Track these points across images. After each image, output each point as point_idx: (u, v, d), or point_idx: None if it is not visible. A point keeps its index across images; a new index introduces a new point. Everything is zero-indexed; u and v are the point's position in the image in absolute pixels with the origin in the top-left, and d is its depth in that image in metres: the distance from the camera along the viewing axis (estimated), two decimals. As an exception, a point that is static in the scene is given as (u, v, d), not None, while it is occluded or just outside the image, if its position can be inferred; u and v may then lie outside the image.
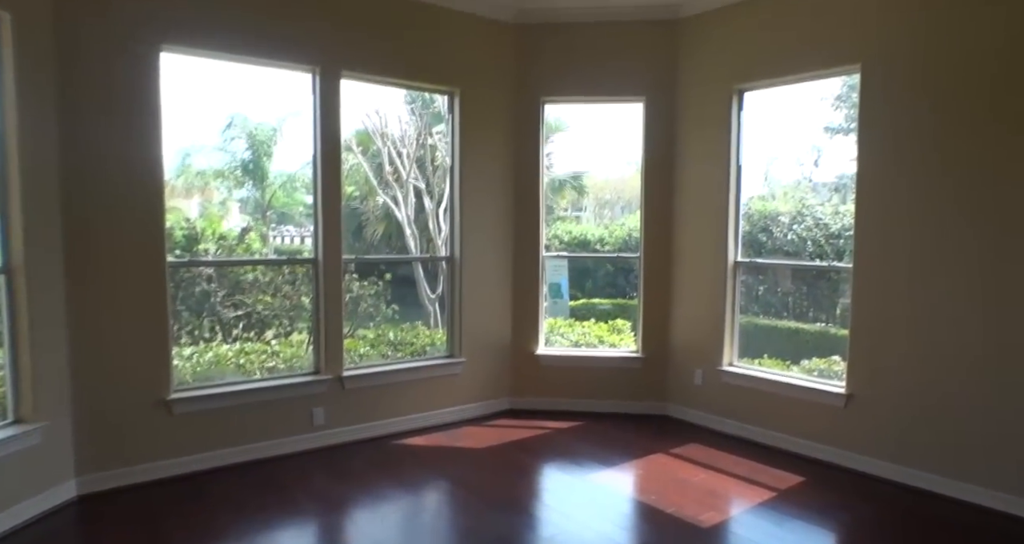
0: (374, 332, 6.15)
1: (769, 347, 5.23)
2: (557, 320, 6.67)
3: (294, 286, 5.60)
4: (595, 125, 7.42)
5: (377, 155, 7.78)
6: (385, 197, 7.81)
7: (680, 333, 5.36)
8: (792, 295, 5.53)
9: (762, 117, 4.99)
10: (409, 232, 7.54)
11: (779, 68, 4.62)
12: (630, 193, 9.90)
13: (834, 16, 4.29)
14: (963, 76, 3.73)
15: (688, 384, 5.29)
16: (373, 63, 4.74)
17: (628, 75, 5.32)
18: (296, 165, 7.63)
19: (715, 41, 5.00)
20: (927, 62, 3.87)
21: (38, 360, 3.51)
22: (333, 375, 4.64)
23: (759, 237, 5.49)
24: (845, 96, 5.47)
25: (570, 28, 5.28)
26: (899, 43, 3.99)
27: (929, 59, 3.86)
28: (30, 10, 3.43)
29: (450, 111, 5.28)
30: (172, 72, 4.01)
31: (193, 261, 5.14)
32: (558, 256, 6.85)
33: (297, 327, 5.68)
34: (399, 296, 6.91)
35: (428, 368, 5.15)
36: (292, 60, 4.42)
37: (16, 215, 3.42)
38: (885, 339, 4.10)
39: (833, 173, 5.62)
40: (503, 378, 5.53)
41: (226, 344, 5.26)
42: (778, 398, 4.69)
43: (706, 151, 5.10)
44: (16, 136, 3.39)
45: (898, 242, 4.03)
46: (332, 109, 4.59)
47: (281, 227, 7.47)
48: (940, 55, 3.81)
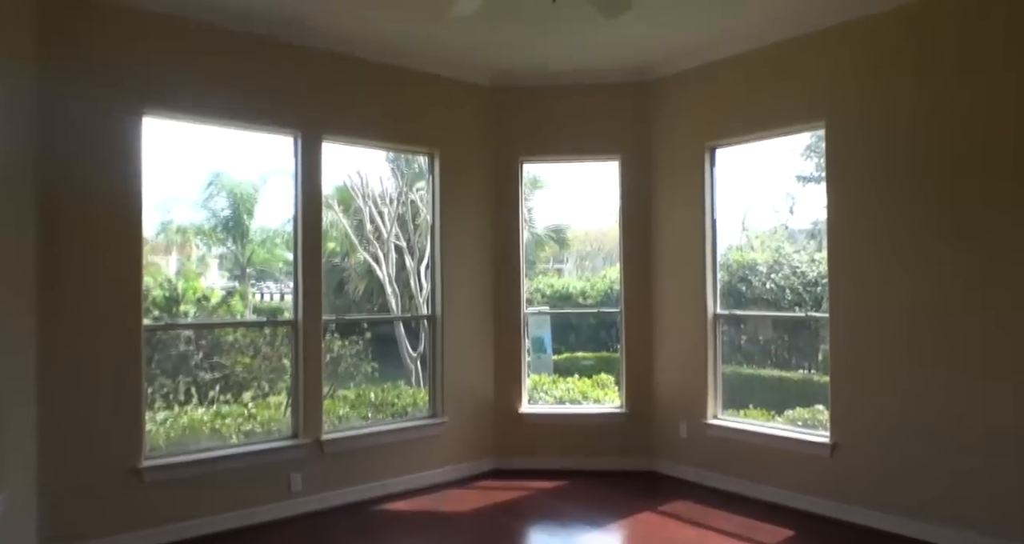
0: (355, 392, 6.05)
1: (753, 397, 5.21)
2: (541, 377, 6.63)
3: (273, 347, 5.52)
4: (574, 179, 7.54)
5: (358, 212, 7.82)
6: (366, 255, 7.82)
7: (664, 387, 5.34)
8: (774, 343, 5.54)
9: (736, 167, 5.12)
10: (390, 290, 7.52)
11: (748, 126, 4.78)
12: (611, 244, 9.97)
13: (797, 78, 4.46)
14: (920, 132, 3.87)
15: (673, 438, 5.23)
16: (353, 127, 4.82)
17: (603, 134, 5.45)
18: (277, 222, 7.61)
19: (685, 102, 5.16)
20: (886, 119, 4.02)
21: (3, 425, 3.39)
22: (312, 439, 4.55)
23: (739, 287, 5.53)
24: (815, 146, 5.63)
25: (545, 90, 5.43)
26: (859, 102, 4.15)
27: (888, 116, 4.01)
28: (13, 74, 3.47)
29: (430, 171, 5.36)
30: (153, 129, 4.06)
31: (171, 324, 5.07)
32: (540, 313, 6.85)
33: (276, 388, 5.58)
34: (380, 354, 6.83)
35: (410, 429, 5.06)
36: (274, 125, 4.50)
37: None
38: (865, 387, 4.12)
39: (808, 220, 5.73)
40: (487, 438, 5.44)
41: (202, 407, 5.14)
42: (764, 450, 4.65)
43: (681, 206, 5.19)
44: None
45: (871, 291, 4.10)
46: (313, 171, 4.64)
47: (260, 283, 7.40)
48: (899, 112, 3.97)
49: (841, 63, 4.24)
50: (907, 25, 3.92)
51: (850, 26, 4.17)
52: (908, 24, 3.92)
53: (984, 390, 3.64)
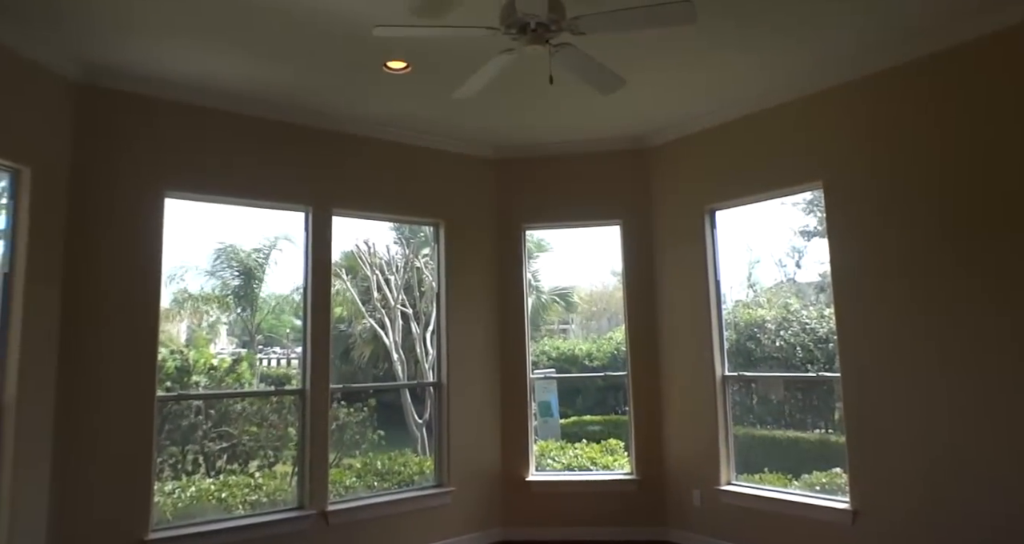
0: (361, 461, 5.99)
1: (769, 460, 5.10)
2: (548, 443, 6.55)
3: (280, 415, 5.51)
4: (578, 242, 7.63)
5: (365, 279, 7.91)
6: (372, 322, 7.86)
7: (674, 452, 5.28)
8: (787, 403, 5.46)
9: (740, 223, 5.20)
10: (396, 357, 7.54)
11: (745, 188, 4.89)
12: (616, 305, 9.97)
13: (792, 139, 4.60)
14: (918, 188, 3.96)
15: (687, 506, 5.13)
16: (362, 200, 4.99)
17: (603, 201, 5.58)
18: (286, 288, 7.68)
19: (683, 167, 5.31)
20: (883, 176, 4.12)
21: (18, 497, 3.41)
22: (317, 510, 4.50)
23: (747, 345, 5.51)
24: (816, 200, 5.70)
25: (546, 160, 5.60)
26: (856, 161, 4.26)
27: (884, 174, 4.11)
28: (47, 163, 3.66)
29: (436, 240, 5.48)
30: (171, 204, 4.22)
31: (183, 395, 5.09)
32: (546, 377, 6.83)
33: (282, 457, 5.53)
34: (385, 420, 6.78)
35: (416, 499, 5.00)
36: (287, 202, 4.69)
37: (14, 353, 3.45)
38: (884, 449, 4.04)
39: (816, 272, 5.74)
40: (494, 507, 5.35)
41: (209, 478, 5.10)
42: (782, 517, 4.54)
43: (684, 269, 5.26)
44: (23, 278, 3.50)
45: (882, 348, 4.08)
46: (323, 244, 4.79)
47: (268, 349, 7.43)
48: (895, 170, 4.06)
49: (836, 124, 4.37)
50: (901, 85, 4.06)
51: (844, 88, 4.31)
52: (901, 85, 4.05)
53: (1013, 448, 3.53)
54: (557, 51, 2.98)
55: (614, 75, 3.24)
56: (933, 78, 3.92)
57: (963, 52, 3.78)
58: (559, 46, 2.96)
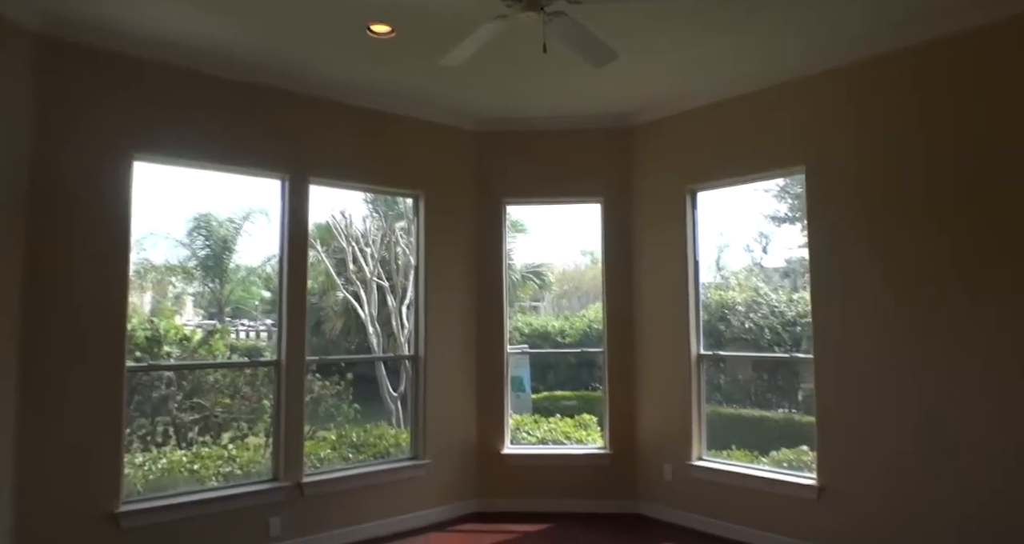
0: (336, 433, 5.97)
1: (735, 437, 5.22)
2: (523, 417, 6.59)
3: (254, 387, 5.45)
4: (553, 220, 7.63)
5: (339, 251, 7.82)
6: (347, 294, 7.79)
7: (647, 428, 5.35)
8: (753, 383, 5.58)
9: (710, 207, 5.23)
10: (372, 330, 7.49)
11: (728, 170, 4.91)
12: (588, 284, 10.06)
13: (777, 123, 4.62)
14: (899, 174, 4.01)
15: (658, 480, 5.22)
16: (340, 170, 4.88)
17: (586, 178, 5.56)
18: (256, 260, 7.57)
19: (667, 146, 5.30)
20: (864, 163, 4.16)
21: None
22: (292, 482, 4.46)
23: (718, 326, 5.59)
24: (789, 187, 5.78)
25: (528, 135, 5.55)
26: (838, 147, 4.30)
27: (865, 160, 4.16)
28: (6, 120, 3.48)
29: (415, 213, 5.41)
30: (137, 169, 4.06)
31: (154, 366, 5.00)
32: (523, 352, 6.86)
33: (255, 429, 5.49)
34: (360, 394, 6.76)
35: (392, 471, 4.99)
36: (262, 169, 4.55)
37: (-31, 322, 3.33)
38: (852, 429, 4.15)
39: (782, 258, 5.84)
40: (469, 479, 5.38)
41: (180, 449, 5.03)
42: (749, 492, 4.65)
43: (663, 248, 5.28)
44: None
45: (856, 332, 4.16)
46: (300, 213, 4.67)
47: (236, 321, 7.33)
48: (875, 156, 4.11)
49: (820, 109, 4.39)
50: (885, 72, 4.09)
51: (829, 74, 4.33)
52: (886, 71, 4.08)
53: (975, 431, 3.66)
54: (551, 19, 2.92)
55: (607, 48, 3.20)
56: (918, 67, 3.95)
57: (950, 42, 3.81)
58: (553, 14, 2.90)
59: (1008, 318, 3.57)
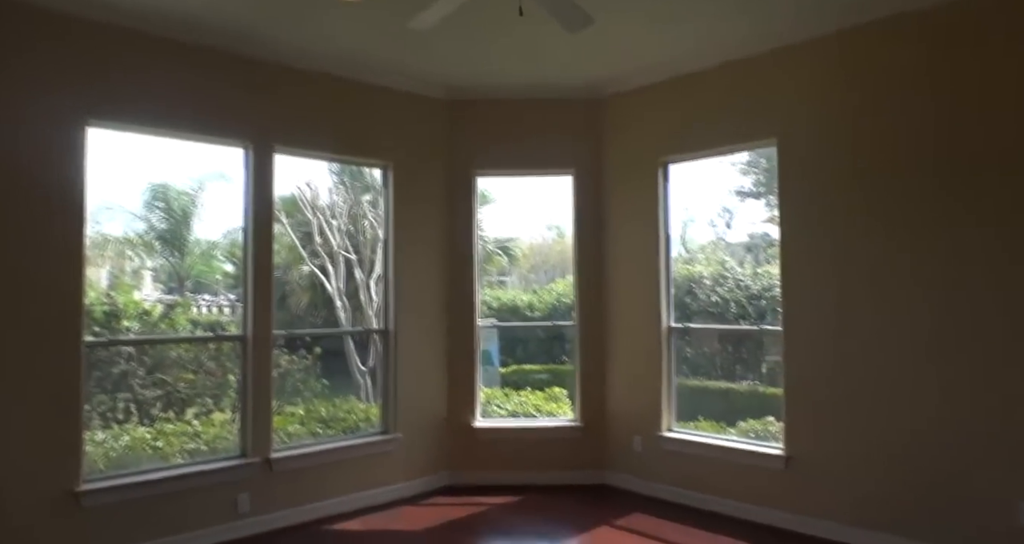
0: (304, 408, 5.89)
1: (702, 409, 5.28)
2: (494, 390, 6.59)
3: (218, 362, 5.34)
4: (520, 194, 7.57)
5: (305, 224, 7.67)
6: (314, 268, 7.66)
7: (617, 400, 5.37)
8: (719, 355, 5.65)
9: (677, 182, 5.21)
10: (339, 304, 7.38)
11: (701, 142, 4.88)
12: (556, 258, 10.06)
13: (750, 94, 4.59)
14: (870, 147, 4.02)
15: (628, 451, 5.26)
16: (307, 139, 4.73)
17: (557, 149, 5.49)
18: (217, 233, 7.39)
19: (639, 118, 5.25)
20: (837, 136, 4.17)
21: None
22: (260, 457, 4.38)
23: (684, 300, 5.64)
24: (755, 162, 5.81)
25: (500, 105, 5.44)
26: (810, 119, 4.29)
27: (838, 133, 4.16)
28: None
29: (384, 184, 5.29)
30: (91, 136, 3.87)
31: (113, 340, 4.84)
32: (493, 325, 6.83)
33: (221, 405, 5.39)
34: (328, 369, 6.68)
35: (362, 446, 4.94)
36: (225, 137, 4.38)
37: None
38: (820, 400, 4.20)
39: (745, 233, 5.90)
40: (440, 453, 5.36)
41: (143, 426, 4.91)
42: (718, 462, 4.71)
43: (636, 221, 5.26)
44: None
45: (824, 304, 4.20)
46: (265, 183, 4.52)
47: (197, 296, 7.17)
48: (850, 131, 4.12)
49: (793, 81, 4.37)
50: (857, 45, 4.08)
51: (802, 46, 4.31)
52: (858, 44, 4.08)
53: (939, 401, 3.74)
54: (527, -18, 2.83)
55: (583, 12, 3.12)
56: (891, 39, 3.94)
57: (923, 14, 3.80)
58: (529, -23, 2.81)
59: (981, 290, 3.62)
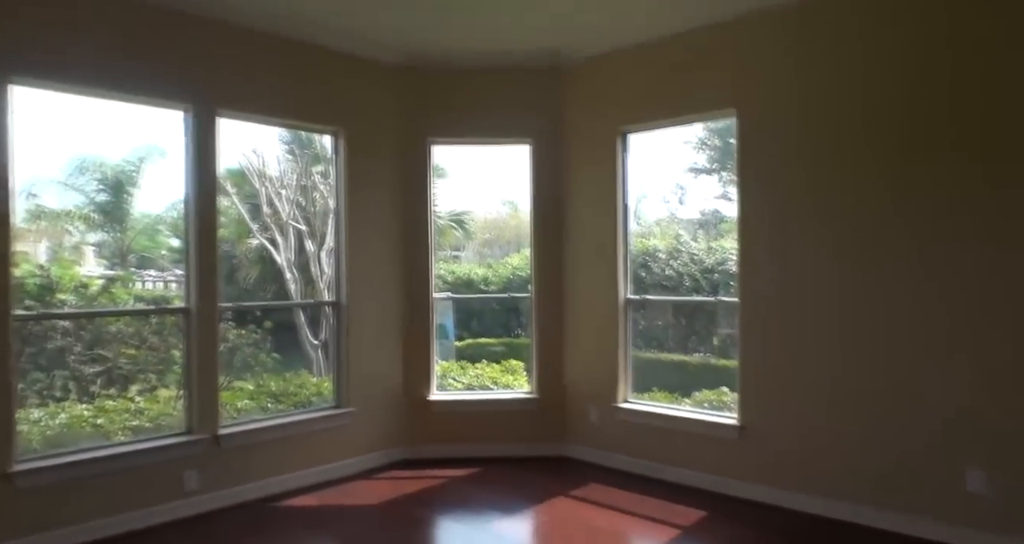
0: (254, 383, 5.73)
1: (656, 380, 5.33)
2: (450, 363, 6.53)
3: (162, 336, 5.13)
4: (474, 168, 7.45)
5: (253, 196, 7.41)
6: (262, 239, 7.42)
7: (574, 372, 5.37)
8: (673, 328, 5.70)
9: (633, 157, 5.17)
10: (290, 276, 7.18)
11: (660, 111, 4.83)
12: (511, 233, 10.01)
13: (709, 64, 4.54)
14: (831, 118, 4.03)
15: (584, 423, 5.27)
16: (252, 102, 4.51)
17: (515, 117, 5.37)
18: (161, 206, 7.11)
19: (598, 86, 5.17)
20: (797, 108, 4.16)
21: None
22: (208, 434, 4.24)
23: (639, 273, 5.65)
24: (708, 139, 5.82)
25: (456, 72, 5.29)
26: (770, 90, 4.27)
27: (799, 105, 4.15)
28: None
29: (335, 151, 5.11)
30: (19, 100, 3.61)
31: (46, 314, 4.59)
32: (448, 298, 6.74)
33: (165, 381, 5.20)
34: (279, 343, 6.52)
35: (315, 420, 4.83)
36: (162, 98, 4.12)
37: None
38: (773, 371, 4.26)
39: (697, 210, 5.93)
40: (396, 427, 5.28)
41: (81, 404, 4.70)
42: (673, 433, 4.76)
43: (594, 191, 5.21)
44: None
45: (781, 276, 4.23)
46: (207, 150, 4.29)
47: (143, 272, 6.89)
48: (809, 102, 4.11)
49: (753, 50, 4.34)
50: (818, 13, 4.06)
51: (763, 14, 4.26)
52: (819, 13, 4.05)
53: (889, 370, 3.82)
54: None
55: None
56: (853, 10, 3.93)
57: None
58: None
59: (941, 264, 3.67)
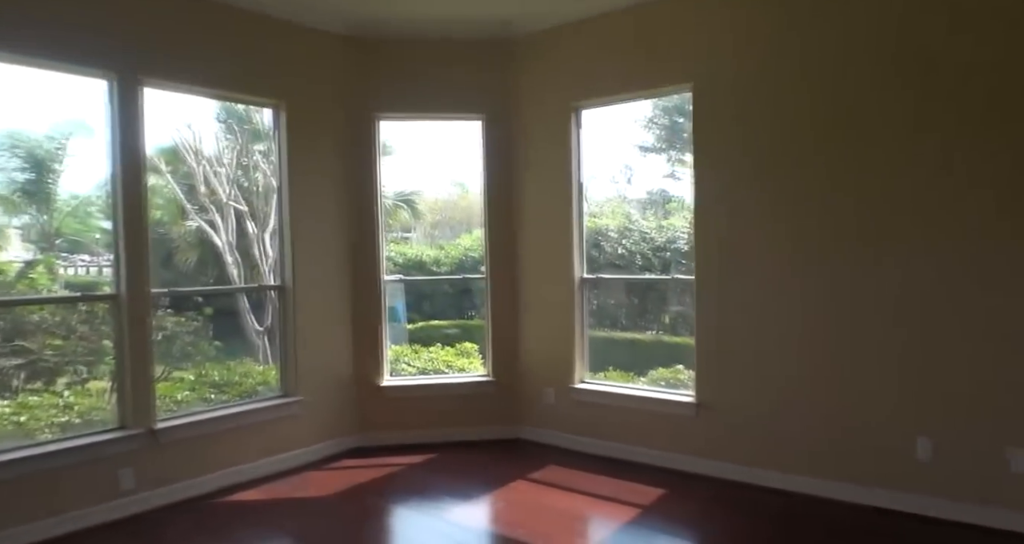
0: (194, 373, 5.44)
1: (610, 359, 5.28)
2: (402, 347, 6.34)
3: (92, 326, 4.80)
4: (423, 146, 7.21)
5: (189, 176, 7.02)
6: (200, 221, 7.05)
7: (530, 353, 5.26)
8: (625, 306, 5.65)
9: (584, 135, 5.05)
10: (231, 260, 6.84)
11: (614, 86, 4.72)
12: (461, 214, 9.83)
13: (666, 38, 4.44)
14: (787, 97, 3.98)
15: (541, 404, 5.19)
16: (184, 71, 4.20)
17: (466, 92, 5.18)
18: (88, 186, 6.71)
19: (551, 60, 5.01)
20: (754, 83, 4.09)
21: None
22: (144, 428, 3.98)
23: (591, 252, 5.57)
24: (656, 117, 5.75)
25: (404, 43, 5.05)
26: (727, 66, 4.19)
27: (756, 80, 4.09)
28: None
29: (276, 126, 4.83)
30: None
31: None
32: (400, 280, 6.53)
33: (97, 373, 4.88)
34: (221, 330, 6.21)
35: (261, 411, 4.60)
36: (82, 65, 3.79)
37: None
38: (729, 348, 4.25)
39: (644, 189, 5.87)
40: (347, 415, 5.10)
41: (2, 400, 4.36)
42: (630, 411, 4.71)
43: (548, 168, 5.07)
44: None
45: (737, 254, 4.20)
46: (133, 123, 3.97)
47: (74, 257, 6.49)
48: (766, 77, 4.05)
49: (709, 26, 4.25)
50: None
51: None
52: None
53: (841, 348, 3.84)
54: None
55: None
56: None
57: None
58: None
59: (893, 244, 3.67)
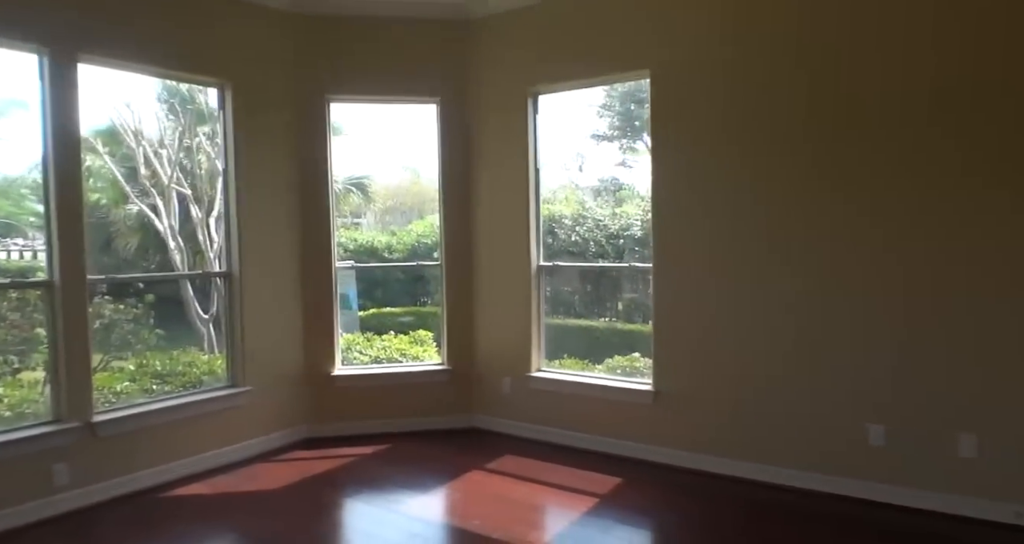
0: (135, 363, 5.22)
1: (565, 347, 5.26)
2: (355, 335, 6.21)
3: (24, 313, 4.55)
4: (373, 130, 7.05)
5: (129, 158, 6.72)
6: (141, 205, 6.76)
7: (486, 342, 5.20)
8: (580, 293, 5.64)
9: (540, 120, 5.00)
10: (174, 245, 6.59)
11: (572, 71, 4.66)
12: (412, 200, 9.69)
13: (624, 23, 4.39)
14: (745, 85, 3.98)
15: (497, 393, 5.14)
16: (121, 47, 3.97)
17: (421, 75, 5.05)
18: (22, 167, 6.38)
19: (508, 43, 4.92)
20: (712, 70, 4.08)
21: None
22: (80, 421, 3.78)
23: (546, 239, 5.55)
24: (610, 105, 5.73)
25: (357, 21, 4.90)
26: (684, 53, 4.17)
27: (714, 67, 4.08)
28: None
29: (221, 107, 4.63)
30: None
31: None
32: (352, 267, 6.38)
33: (29, 363, 4.64)
34: (164, 318, 5.98)
35: (206, 401, 4.43)
36: (10, 38, 3.54)
37: None
38: (687, 336, 4.26)
39: (596, 177, 5.86)
40: (297, 405, 4.96)
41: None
42: (587, 400, 4.70)
43: (504, 154, 5.00)
44: None
45: (694, 242, 4.20)
46: (67, 100, 3.74)
47: (6, 240, 6.17)
48: (724, 64, 4.04)
49: (667, 11, 4.22)
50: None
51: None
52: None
53: (796, 336, 3.88)
54: None
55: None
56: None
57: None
58: None
59: (850, 236, 3.70)
